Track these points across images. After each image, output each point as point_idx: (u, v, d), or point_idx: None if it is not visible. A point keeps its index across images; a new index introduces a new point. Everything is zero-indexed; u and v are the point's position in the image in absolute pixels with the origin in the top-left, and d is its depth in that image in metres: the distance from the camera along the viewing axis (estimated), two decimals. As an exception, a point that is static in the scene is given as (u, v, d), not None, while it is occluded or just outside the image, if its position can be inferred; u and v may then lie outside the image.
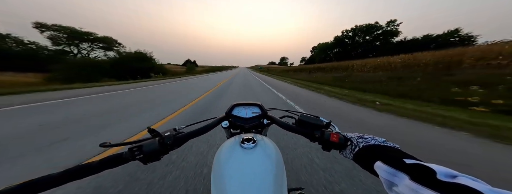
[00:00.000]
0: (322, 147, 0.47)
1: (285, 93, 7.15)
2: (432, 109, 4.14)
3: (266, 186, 0.36)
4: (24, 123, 3.09)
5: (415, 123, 3.22)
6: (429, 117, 3.45)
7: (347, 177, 1.50)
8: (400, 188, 0.26)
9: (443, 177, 0.24)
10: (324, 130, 0.47)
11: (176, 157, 1.83)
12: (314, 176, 1.53)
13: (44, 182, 0.32)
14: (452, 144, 2.30)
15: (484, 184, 0.21)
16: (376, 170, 0.32)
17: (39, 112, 3.87)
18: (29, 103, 4.80)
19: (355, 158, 0.39)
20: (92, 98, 5.83)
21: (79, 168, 0.35)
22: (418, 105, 4.69)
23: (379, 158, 0.32)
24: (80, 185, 1.39)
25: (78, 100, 5.53)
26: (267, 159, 0.42)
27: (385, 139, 0.39)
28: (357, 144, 0.40)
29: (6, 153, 1.96)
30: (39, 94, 6.44)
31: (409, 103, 4.87)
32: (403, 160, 0.29)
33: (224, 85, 10.32)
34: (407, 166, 0.28)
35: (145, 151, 0.39)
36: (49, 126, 2.93)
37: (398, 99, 5.60)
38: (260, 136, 0.52)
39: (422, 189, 0.23)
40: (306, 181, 1.45)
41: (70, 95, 6.41)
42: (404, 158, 0.30)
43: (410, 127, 3.00)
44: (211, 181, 0.40)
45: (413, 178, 0.25)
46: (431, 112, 3.86)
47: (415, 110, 4.04)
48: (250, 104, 0.65)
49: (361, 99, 5.43)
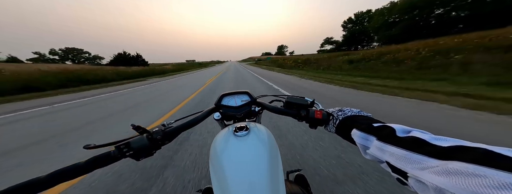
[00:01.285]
0: (309, 125, 0.50)
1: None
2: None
3: (263, 170, 0.37)
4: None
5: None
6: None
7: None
8: (371, 150, 0.30)
9: (401, 133, 0.28)
10: (309, 109, 0.49)
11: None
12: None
13: (31, 185, 0.31)
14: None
15: (429, 134, 0.25)
16: (353, 137, 0.35)
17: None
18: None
19: (336, 130, 0.43)
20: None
21: (67, 169, 0.34)
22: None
23: (355, 126, 0.36)
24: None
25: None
26: (261, 144, 0.43)
27: (360, 110, 0.43)
28: (338, 117, 0.43)
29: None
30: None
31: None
32: (372, 124, 0.33)
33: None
34: (375, 128, 0.32)
35: (134, 147, 0.39)
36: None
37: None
38: (253, 123, 0.52)
39: (386, 146, 0.27)
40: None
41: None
42: (373, 123, 0.33)
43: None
44: (210, 173, 0.41)
45: (379, 138, 0.29)
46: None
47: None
48: (238, 92, 0.66)
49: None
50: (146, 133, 0.42)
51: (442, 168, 0.19)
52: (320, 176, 1.43)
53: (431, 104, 3.42)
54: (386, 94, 4.36)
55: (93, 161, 0.36)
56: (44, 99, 6.56)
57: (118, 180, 1.52)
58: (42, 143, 2.43)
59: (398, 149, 0.25)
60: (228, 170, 0.37)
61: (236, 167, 0.37)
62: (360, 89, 5.21)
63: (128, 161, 0.75)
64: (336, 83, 6.63)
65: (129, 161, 1.48)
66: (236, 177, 0.36)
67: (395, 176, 0.26)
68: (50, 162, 1.89)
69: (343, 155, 1.70)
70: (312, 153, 1.78)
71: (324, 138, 2.07)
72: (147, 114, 3.77)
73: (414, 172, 0.22)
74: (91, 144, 0.37)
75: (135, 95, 6.47)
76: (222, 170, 0.38)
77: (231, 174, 0.36)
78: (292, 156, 1.75)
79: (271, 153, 0.41)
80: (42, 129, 3.05)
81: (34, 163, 1.90)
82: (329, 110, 0.48)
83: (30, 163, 1.89)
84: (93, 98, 6.24)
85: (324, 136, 2.10)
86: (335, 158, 1.68)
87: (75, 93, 7.60)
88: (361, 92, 4.93)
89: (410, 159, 0.23)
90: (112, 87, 9.42)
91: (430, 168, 0.20)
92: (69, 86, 9.80)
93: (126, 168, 1.67)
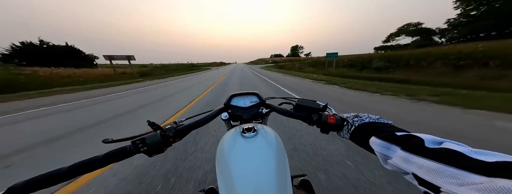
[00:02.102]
0: (320, 129, 0.48)
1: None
2: None
3: (270, 173, 0.37)
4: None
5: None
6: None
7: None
8: (393, 160, 0.28)
9: (431, 144, 0.26)
10: (321, 113, 0.48)
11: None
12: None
13: (53, 176, 0.33)
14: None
15: (466, 146, 0.23)
16: (371, 145, 0.33)
17: None
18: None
19: (351, 137, 0.41)
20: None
21: (87, 162, 0.36)
22: None
23: (374, 134, 0.34)
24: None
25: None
26: (269, 146, 0.43)
27: (379, 116, 0.41)
28: (353, 123, 0.41)
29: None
30: None
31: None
32: (395, 133, 0.31)
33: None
34: (398, 138, 0.30)
35: (148, 143, 0.40)
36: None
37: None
38: (260, 125, 0.54)
39: (412, 157, 0.25)
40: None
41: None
42: (396, 132, 0.31)
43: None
44: (216, 172, 0.41)
45: (404, 148, 0.27)
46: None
47: None
48: (248, 93, 0.67)
49: None
50: (160, 130, 0.44)
51: (489, 186, 0.17)
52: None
53: None
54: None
55: (111, 155, 0.38)
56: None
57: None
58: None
59: (428, 161, 0.23)
60: (235, 171, 0.37)
61: (243, 168, 0.37)
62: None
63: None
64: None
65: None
66: (243, 179, 0.36)
67: (423, 189, 0.24)
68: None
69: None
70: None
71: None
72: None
73: (450, 187, 0.20)
74: (109, 138, 0.38)
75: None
76: (228, 171, 0.38)
77: (237, 175, 0.36)
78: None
79: (278, 156, 0.41)
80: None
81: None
82: (344, 115, 0.47)
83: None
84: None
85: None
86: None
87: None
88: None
89: (444, 173, 0.21)
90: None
91: (472, 185, 0.19)
92: None
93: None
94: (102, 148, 0.40)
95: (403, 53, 12.69)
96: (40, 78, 10.49)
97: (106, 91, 8.50)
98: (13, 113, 4.51)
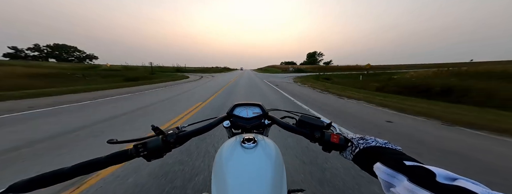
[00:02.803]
0: (322, 147, 0.47)
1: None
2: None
3: (265, 186, 0.36)
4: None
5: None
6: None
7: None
8: (398, 189, 0.26)
9: (443, 179, 0.23)
10: (324, 131, 0.47)
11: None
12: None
13: (55, 175, 0.33)
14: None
15: (483, 187, 0.21)
16: (375, 171, 0.32)
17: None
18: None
19: (355, 159, 0.40)
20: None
21: (88, 163, 0.36)
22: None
23: (379, 159, 0.32)
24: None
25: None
26: (267, 159, 0.42)
27: (387, 141, 0.38)
28: (358, 145, 0.40)
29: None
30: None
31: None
32: (404, 162, 0.29)
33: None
34: (406, 167, 0.28)
35: (149, 148, 0.41)
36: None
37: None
38: (261, 136, 0.53)
39: (420, 190, 0.23)
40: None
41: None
42: (405, 160, 0.29)
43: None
44: (212, 180, 0.41)
45: (412, 179, 0.25)
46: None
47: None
48: (251, 104, 0.67)
49: None
50: (162, 135, 0.44)
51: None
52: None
53: None
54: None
55: (112, 157, 0.38)
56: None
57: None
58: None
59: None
60: (230, 181, 0.37)
61: (239, 178, 0.37)
62: None
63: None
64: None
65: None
66: (237, 189, 0.35)
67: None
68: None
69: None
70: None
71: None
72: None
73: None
74: (114, 139, 0.41)
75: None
76: (224, 179, 0.38)
77: (232, 185, 0.36)
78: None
79: (276, 169, 0.40)
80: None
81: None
82: (348, 136, 0.45)
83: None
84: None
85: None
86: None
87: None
88: None
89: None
90: None
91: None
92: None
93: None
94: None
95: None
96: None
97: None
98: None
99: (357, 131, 3.25)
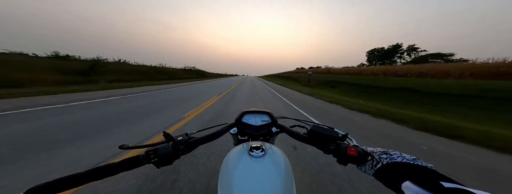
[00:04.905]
0: (337, 160, 0.45)
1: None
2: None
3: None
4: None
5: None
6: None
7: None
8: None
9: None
10: (339, 143, 0.46)
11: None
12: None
13: (70, 180, 0.34)
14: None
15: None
16: (404, 191, 0.29)
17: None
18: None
19: (376, 174, 0.37)
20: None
21: (102, 168, 0.37)
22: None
23: (409, 178, 0.30)
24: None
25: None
26: (276, 168, 0.41)
27: (416, 157, 0.35)
28: (380, 160, 0.37)
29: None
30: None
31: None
32: (440, 182, 0.27)
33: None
34: (445, 190, 0.25)
35: (159, 154, 0.41)
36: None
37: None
38: (269, 144, 0.52)
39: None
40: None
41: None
42: (441, 181, 0.27)
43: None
44: (218, 188, 0.40)
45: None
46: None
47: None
48: (260, 111, 0.65)
49: None
50: (172, 141, 0.44)
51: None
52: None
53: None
54: None
55: (124, 163, 0.38)
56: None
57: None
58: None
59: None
60: (237, 190, 0.36)
61: (246, 188, 0.36)
62: None
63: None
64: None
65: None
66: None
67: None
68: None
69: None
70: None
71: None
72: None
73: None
74: (126, 144, 0.40)
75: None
76: (230, 188, 0.37)
77: (240, 193, 0.35)
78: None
79: (285, 180, 0.39)
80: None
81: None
82: (367, 149, 0.43)
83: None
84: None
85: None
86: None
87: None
88: None
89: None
90: None
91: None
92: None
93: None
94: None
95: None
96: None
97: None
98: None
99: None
